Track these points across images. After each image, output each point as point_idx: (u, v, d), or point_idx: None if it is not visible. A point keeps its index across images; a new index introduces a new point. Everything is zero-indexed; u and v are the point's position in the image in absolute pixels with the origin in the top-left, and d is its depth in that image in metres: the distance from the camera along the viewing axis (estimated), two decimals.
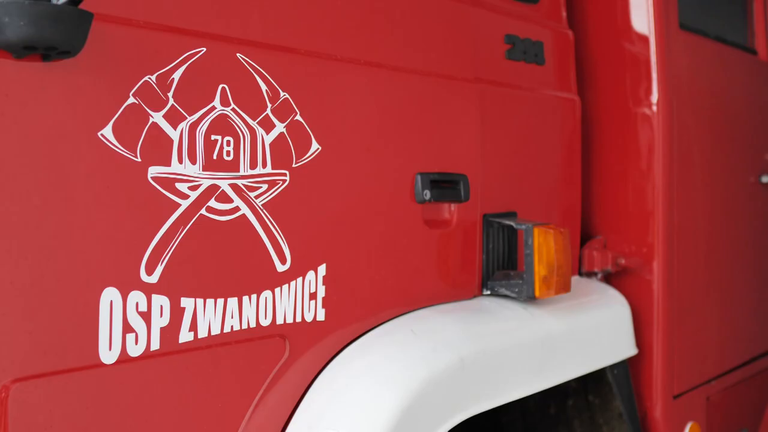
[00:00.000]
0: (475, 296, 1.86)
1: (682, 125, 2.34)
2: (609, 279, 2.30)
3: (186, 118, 1.27)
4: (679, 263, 2.32)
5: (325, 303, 1.48)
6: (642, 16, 2.28)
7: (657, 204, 2.25)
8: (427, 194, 1.67)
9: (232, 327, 1.33)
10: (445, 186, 1.73)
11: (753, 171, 2.78)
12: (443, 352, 1.56)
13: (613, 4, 2.34)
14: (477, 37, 1.86)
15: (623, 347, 2.11)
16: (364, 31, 1.60)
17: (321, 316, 1.47)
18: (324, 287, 1.47)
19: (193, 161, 1.28)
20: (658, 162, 2.25)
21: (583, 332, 1.98)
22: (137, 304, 1.20)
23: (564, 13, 2.21)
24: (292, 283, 1.42)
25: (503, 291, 1.84)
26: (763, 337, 2.87)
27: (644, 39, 2.28)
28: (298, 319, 1.43)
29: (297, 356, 1.44)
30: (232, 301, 1.33)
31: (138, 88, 1.20)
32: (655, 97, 2.25)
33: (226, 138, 1.32)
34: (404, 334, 1.58)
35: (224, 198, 1.32)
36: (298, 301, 1.43)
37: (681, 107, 2.33)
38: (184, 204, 1.26)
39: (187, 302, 1.27)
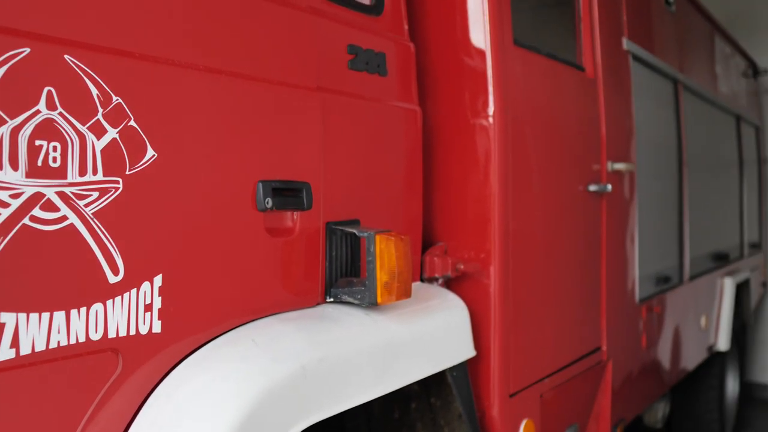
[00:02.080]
0: (318, 304, 1.86)
1: (517, 136, 2.46)
2: (449, 284, 2.37)
3: (7, 121, 1.19)
4: (515, 268, 2.43)
5: (162, 314, 1.43)
6: (479, 32, 2.38)
7: (493, 211, 2.35)
8: (269, 202, 1.66)
9: (58, 342, 1.26)
10: (288, 194, 1.73)
11: (582, 180, 2.96)
12: (284, 362, 1.56)
13: (452, 19, 2.43)
14: (319, 47, 1.87)
15: (462, 349, 2.19)
16: (204, 36, 1.57)
17: (157, 328, 1.42)
18: (160, 298, 1.43)
19: (15, 167, 1.21)
20: (494, 171, 2.35)
21: (424, 336, 2.04)
22: None
23: (406, 26, 2.27)
24: (126, 295, 1.37)
25: (346, 298, 1.86)
26: (591, 335, 3.06)
27: (481, 53, 2.38)
28: (132, 332, 1.38)
29: (131, 371, 1.39)
30: (59, 315, 1.26)
31: None
32: (491, 109, 2.35)
33: (53, 143, 1.26)
34: (245, 344, 1.56)
35: (50, 206, 1.25)
36: (132, 313, 1.38)
37: (516, 119, 2.45)
38: (5, 213, 1.19)
39: (7, 317, 1.19)
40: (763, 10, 7.20)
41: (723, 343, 4.99)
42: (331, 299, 1.88)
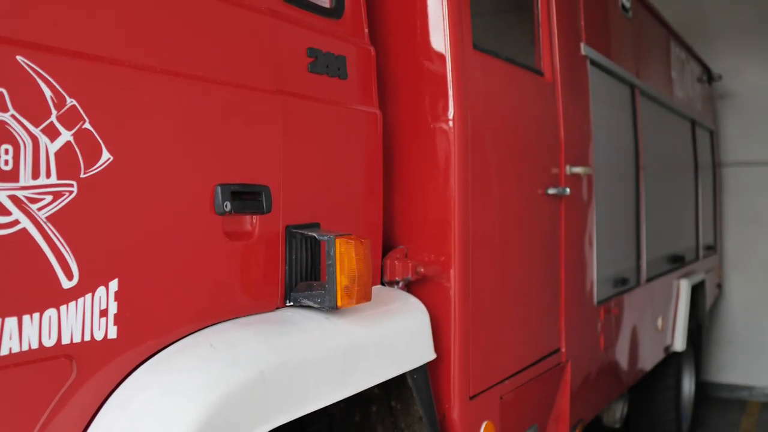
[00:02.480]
0: (278, 308, 1.85)
1: (477, 140, 2.47)
2: (410, 287, 2.38)
3: None
4: (475, 270, 2.45)
5: (118, 320, 1.41)
6: (439, 36, 2.39)
7: (454, 214, 2.36)
8: (228, 206, 1.65)
9: (10, 349, 1.24)
10: (247, 197, 1.72)
11: (541, 183, 2.99)
12: (243, 366, 1.55)
13: (413, 23, 2.44)
14: (279, 50, 1.87)
15: (422, 352, 2.19)
16: (161, 38, 1.56)
17: (113, 333, 1.40)
18: (116, 303, 1.41)
19: None
20: (454, 174, 2.36)
21: (384, 339, 2.04)
22: None
23: (366, 30, 2.27)
24: (80, 300, 1.34)
25: (306, 302, 1.86)
26: (550, 337, 3.09)
27: (441, 57, 2.39)
28: (87, 338, 1.36)
29: (86, 377, 1.37)
30: (11, 321, 1.23)
31: None
32: (451, 113, 2.37)
33: (4, 146, 1.23)
34: (203, 349, 1.54)
35: (2, 211, 1.23)
36: (86, 318, 1.35)
37: (476, 123, 2.47)
38: None
39: None
40: (717, 17, 7.36)
41: (679, 344, 5.08)
42: (291, 303, 1.87)
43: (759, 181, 7.29)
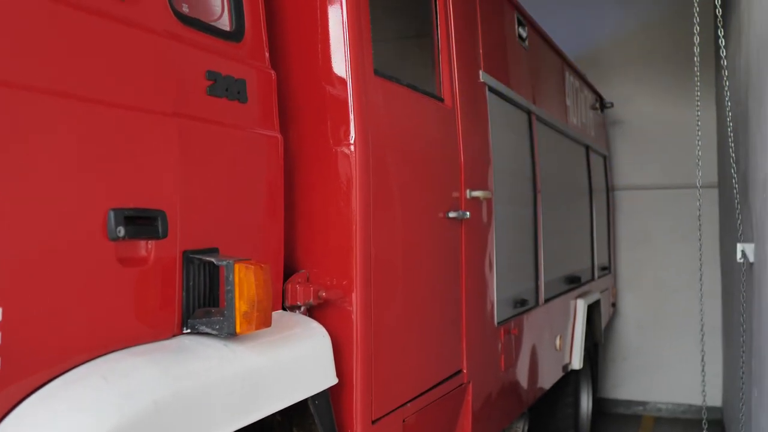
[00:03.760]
0: (174, 335, 1.81)
1: (378, 164, 2.50)
2: (312, 312, 2.36)
3: None
4: (377, 294, 2.46)
5: (1, 351, 1.35)
6: (340, 61, 2.41)
7: (355, 238, 2.37)
8: (121, 231, 1.60)
9: None
10: (142, 222, 1.68)
11: (441, 207, 3.04)
12: (136, 397, 1.50)
13: (314, 48, 2.45)
14: (177, 72, 1.84)
15: (324, 377, 2.18)
16: (51, 58, 1.51)
17: None
18: None
19: None
20: (355, 198, 2.37)
21: (285, 365, 2.02)
22: None
23: (267, 53, 2.26)
24: None
25: (204, 329, 1.82)
26: (452, 358, 3.13)
27: (343, 82, 2.41)
28: None
29: None
30: None
31: None
32: (352, 137, 2.38)
33: None
34: (94, 380, 1.49)
35: None
36: None
37: (377, 147, 2.49)
38: None
39: None
40: (608, 48, 7.71)
41: (577, 362, 5.24)
42: (189, 330, 1.83)
43: (649, 204, 7.63)
